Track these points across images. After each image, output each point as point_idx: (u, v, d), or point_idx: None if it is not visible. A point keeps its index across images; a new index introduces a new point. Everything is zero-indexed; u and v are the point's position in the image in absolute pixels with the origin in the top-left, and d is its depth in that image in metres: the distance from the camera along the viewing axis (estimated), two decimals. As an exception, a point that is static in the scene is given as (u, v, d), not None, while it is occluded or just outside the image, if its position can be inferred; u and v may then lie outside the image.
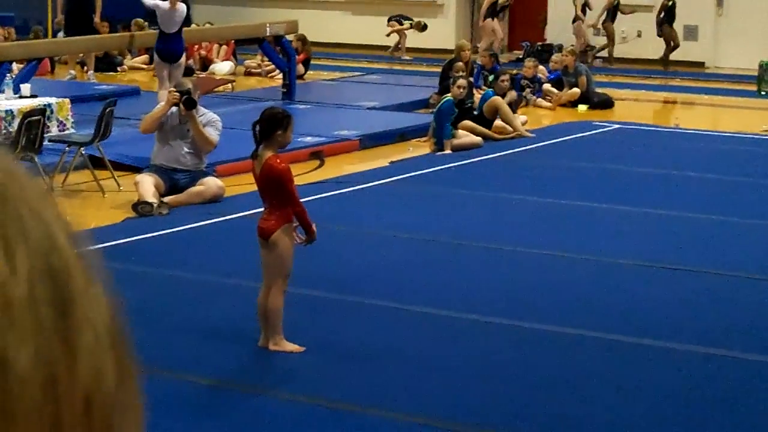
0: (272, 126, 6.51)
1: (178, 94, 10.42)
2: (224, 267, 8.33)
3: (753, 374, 6.47)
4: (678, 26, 22.13)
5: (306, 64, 19.89)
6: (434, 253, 8.92)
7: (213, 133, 10.54)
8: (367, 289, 7.88)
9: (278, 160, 6.47)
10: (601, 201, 10.78)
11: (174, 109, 10.49)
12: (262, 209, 6.83)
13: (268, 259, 6.58)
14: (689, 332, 7.08)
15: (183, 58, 14.43)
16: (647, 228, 9.85)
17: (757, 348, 6.84)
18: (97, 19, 19.13)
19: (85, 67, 19.37)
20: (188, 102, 10.35)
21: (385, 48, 23.95)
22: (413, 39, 23.97)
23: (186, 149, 10.58)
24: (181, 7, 14.24)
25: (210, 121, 10.63)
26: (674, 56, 22.13)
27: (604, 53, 22.44)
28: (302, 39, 19.64)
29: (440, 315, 7.34)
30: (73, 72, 19.29)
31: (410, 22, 23.35)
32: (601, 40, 22.68)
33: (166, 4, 14.17)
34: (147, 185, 10.25)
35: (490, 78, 15.68)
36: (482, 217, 10.16)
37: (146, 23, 21.31)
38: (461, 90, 13.73)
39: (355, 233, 9.43)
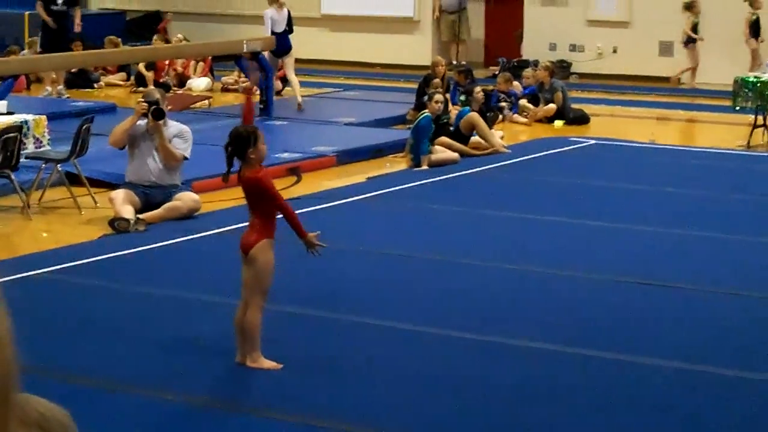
0: (242, 146, 6.51)
1: (146, 104, 10.31)
2: (201, 284, 8.31)
3: (728, 389, 6.49)
4: (653, 42, 22.21)
5: (284, 80, 19.89)
6: (411, 269, 8.93)
7: (180, 146, 10.41)
8: (345, 305, 7.87)
9: (256, 171, 6.48)
10: (578, 216, 10.81)
11: (143, 122, 10.39)
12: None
13: (247, 274, 6.56)
14: (662, 347, 7.10)
15: (292, 51, 17.81)
16: (623, 243, 9.89)
17: (731, 363, 6.86)
18: (77, 27, 19.14)
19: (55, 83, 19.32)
20: (156, 112, 10.26)
21: (362, 64, 23.97)
22: (389, 55, 24.01)
23: (158, 165, 10.48)
24: (285, 10, 17.70)
25: (179, 131, 10.51)
26: (649, 72, 22.21)
27: (580, 69, 22.49)
28: None
29: (418, 331, 7.34)
30: (49, 88, 19.23)
31: None
32: (576, 56, 22.78)
33: (273, 11, 17.58)
34: (123, 201, 10.20)
35: (461, 98, 15.66)
36: (459, 233, 10.17)
37: (120, 40, 21.28)
38: (439, 105, 13.75)
39: (332, 249, 9.41)
